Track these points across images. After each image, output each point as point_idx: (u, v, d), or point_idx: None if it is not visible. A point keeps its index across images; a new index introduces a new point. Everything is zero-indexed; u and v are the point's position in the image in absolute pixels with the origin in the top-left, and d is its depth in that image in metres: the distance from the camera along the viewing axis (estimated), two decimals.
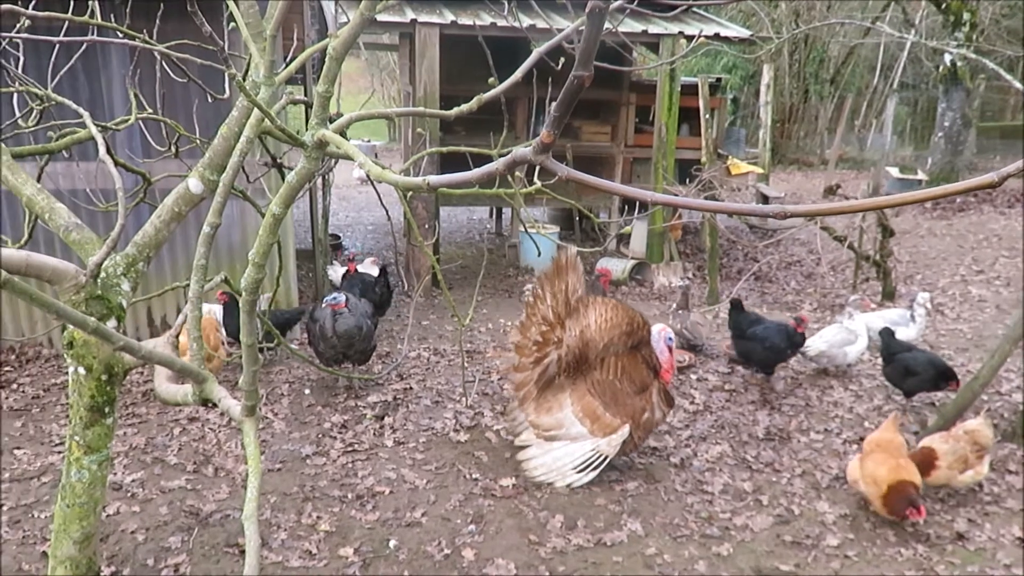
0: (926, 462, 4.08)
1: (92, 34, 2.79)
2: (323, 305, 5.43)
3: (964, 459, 4.12)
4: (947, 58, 14.06)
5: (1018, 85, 6.09)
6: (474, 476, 4.40)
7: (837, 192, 13.38)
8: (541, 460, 4.38)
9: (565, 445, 4.34)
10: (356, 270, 6.99)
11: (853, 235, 8.40)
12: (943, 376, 5.13)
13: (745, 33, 8.90)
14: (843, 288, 8.86)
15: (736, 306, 5.82)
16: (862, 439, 4.95)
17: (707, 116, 8.75)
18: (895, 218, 10.98)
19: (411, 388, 5.66)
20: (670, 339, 4.45)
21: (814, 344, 5.81)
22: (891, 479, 3.88)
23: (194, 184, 2.67)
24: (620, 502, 4.17)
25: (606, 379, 4.31)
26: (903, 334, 5.70)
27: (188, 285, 2.35)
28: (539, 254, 5.24)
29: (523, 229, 6.26)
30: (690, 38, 8.44)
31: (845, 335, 5.82)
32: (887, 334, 5.45)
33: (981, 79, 15.21)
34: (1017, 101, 18.64)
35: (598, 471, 4.30)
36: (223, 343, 5.66)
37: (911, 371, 5.21)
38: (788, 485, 4.40)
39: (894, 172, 14.51)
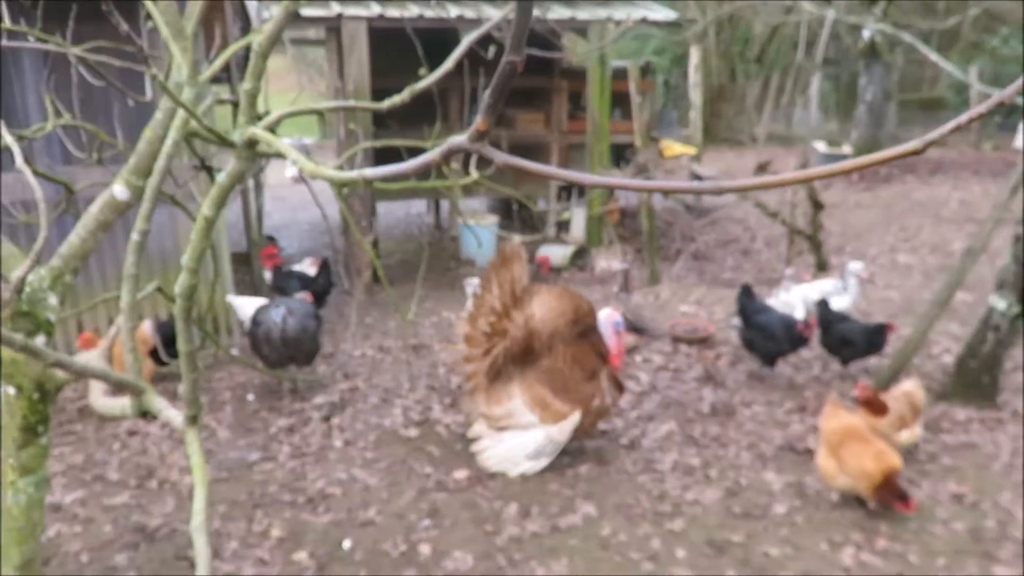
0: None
1: (1, 39, 2.67)
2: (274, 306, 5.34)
3: (902, 419, 4.27)
4: (866, 33, 14.46)
5: (934, 57, 6.29)
6: (426, 471, 4.39)
7: (768, 169, 13.69)
8: (494, 451, 4.39)
9: (517, 435, 4.36)
10: (279, 266, 6.85)
11: (786, 211, 8.60)
12: (877, 333, 5.30)
13: (672, 15, 9.01)
14: (779, 262, 9.08)
15: (745, 292, 5.73)
16: (803, 408, 5.09)
17: (639, 99, 8.85)
18: (824, 192, 11.27)
19: (357, 387, 5.61)
20: (618, 323, 4.49)
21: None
22: (883, 469, 3.75)
23: (119, 191, 2.59)
24: (573, 486, 4.21)
25: (555, 367, 4.33)
26: (838, 303, 5.85)
27: (119, 296, 2.28)
28: (479, 245, 5.24)
29: (462, 221, 6.24)
30: (619, 23, 8.51)
31: (781, 308, 5.96)
32: (822, 305, 5.59)
33: (899, 52, 15.70)
34: (934, 73, 19.31)
35: (551, 458, 4.33)
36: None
37: (847, 341, 5.36)
38: (735, 458, 4.50)
39: (821, 147, 14.89)
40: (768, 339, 5.44)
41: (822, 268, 8.36)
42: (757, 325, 5.51)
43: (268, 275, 7.44)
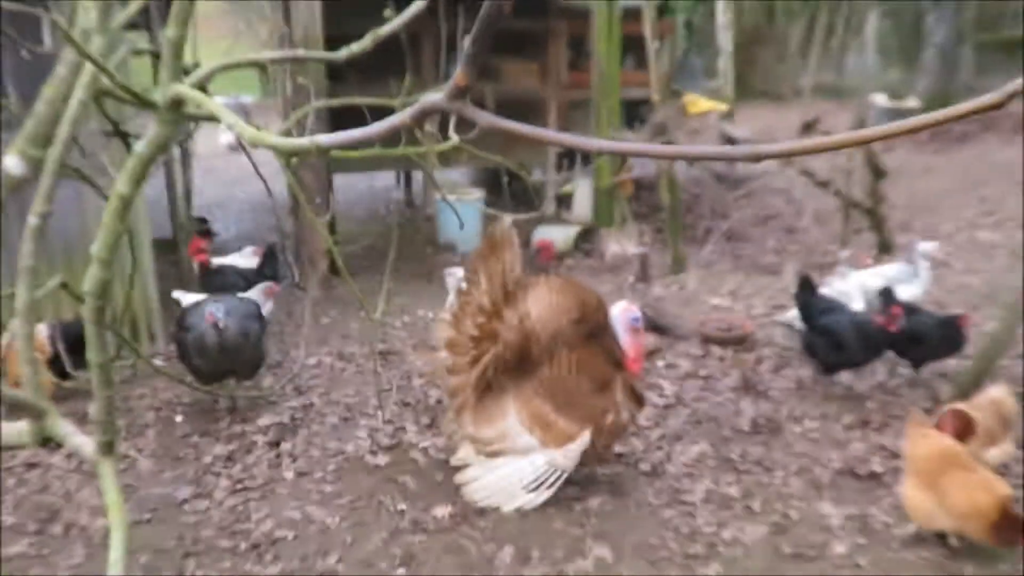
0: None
1: None
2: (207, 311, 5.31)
3: (990, 434, 4.22)
4: None
5: None
6: (400, 507, 4.39)
7: (816, 128, 13.70)
8: (484, 481, 4.39)
9: (512, 461, 4.35)
10: (206, 265, 6.82)
11: (839, 179, 8.62)
12: (954, 327, 5.33)
13: None
14: (831, 243, 9.10)
15: (805, 285, 5.73)
16: (865, 423, 5.10)
17: (656, 45, 8.84)
18: (886, 156, 11.30)
19: (312, 404, 5.61)
20: (635, 320, 4.47)
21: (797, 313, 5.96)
22: (997, 504, 3.61)
23: (13, 163, 2.57)
24: (582, 523, 4.21)
25: (558, 377, 4.32)
26: (906, 292, 5.86)
27: (14, 294, 2.27)
28: (461, 226, 5.24)
29: (440, 197, 6.24)
30: None
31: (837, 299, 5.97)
32: (887, 294, 5.60)
33: None
34: (1016, 7, 19.30)
35: (554, 488, 4.33)
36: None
37: (918, 337, 5.36)
38: (783, 486, 4.51)
39: (881, 100, 14.94)
40: (832, 346, 5.39)
41: (885, 249, 8.39)
42: (822, 328, 5.46)
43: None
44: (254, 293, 6.05)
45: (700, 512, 4.29)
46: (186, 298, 5.97)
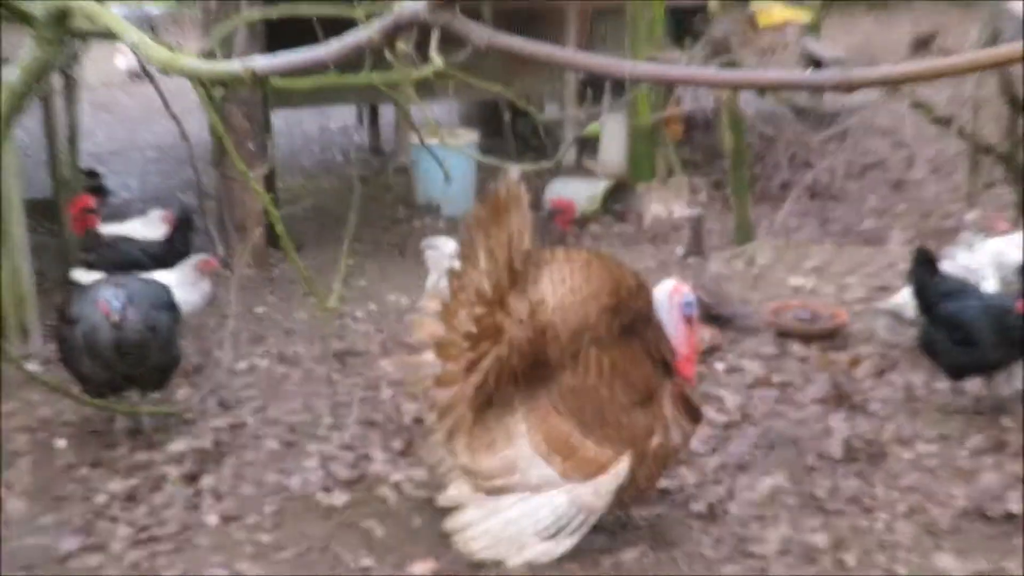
0: None
1: None
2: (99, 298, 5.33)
3: None
4: None
5: None
6: (363, 563, 4.40)
7: (932, 45, 13.68)
8: (484, 527, 4.35)
9: (522, 500, 4.34)
10: (93, 229, 6.80)
11: (964, 115, 8.59)
12: None
13: None
14: (954, 202, 9.08)
15: (923, 260, 5.70)
16: (1001, 446, 5.09)
17: None
18: None
19: (244, 424, 5.61)
20: (688, 306, 4.40)
21: (913, 299, 5.96)
22: None
23: None
24: None
25: (584, 386, 4.28)
26: None
27: None
28: (447, 181, 5.22)
29: (418, 141, 6.22)
30: None
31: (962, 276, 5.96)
32: None
33: None
34: None
35: (578, 536, 4.31)
36: None
37: None
38: (887, 532, 4.51)
39: (1019, 8, 14.85)
40: (963, 342, 5.35)
41: None
42: (946, 318, 5.44)
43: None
44: (180, 271, 6.07)
45: (774, 568, 4.29)
46: (88, 278, 5.96)
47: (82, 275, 6.06)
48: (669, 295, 4.39)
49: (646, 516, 4.68)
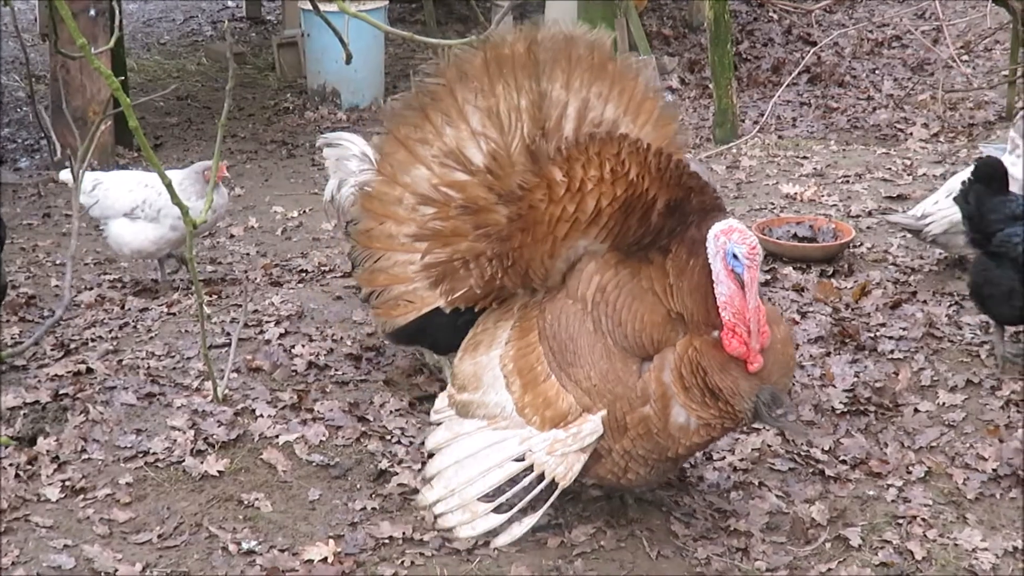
0: None
1: None
2: None
3: None
4: None
5: None
6: (245, 545, 4.42)
7: None
8: (440, 461, 4.31)
9: (479, 430, 4.36)
10: None
11: None
12: None
13: None
14: (991, 89, 9.15)
15: (985, 173, 5.55)
16: None
17: None
18: None
19: (91, 371, 5.57)
20: (733, 258, 4.12)
21: (940, 210, 6.00)
22: None
23: None
24: (559, 570, 4.25)
25: (566, 306, 4.30)
26: None
27: None
28: (348, 60, 5.20)
29: (310, 5, 6.15)
30: None
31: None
32: None
33: None
34: None
35: (535, 516, 4.20)
36: None
37: None
38: (898, 502, 4.55)
39: None
40: (1011, 281, 5.28)
41: None
42: (999, 250, 5.37)
43: None
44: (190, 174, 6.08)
45: (759, 548, 4.32)
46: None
47: (66, 174, 6.05)
48: (714, 237, 4.06)
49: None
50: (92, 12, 7.66)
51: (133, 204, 6.46)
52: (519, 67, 4.45)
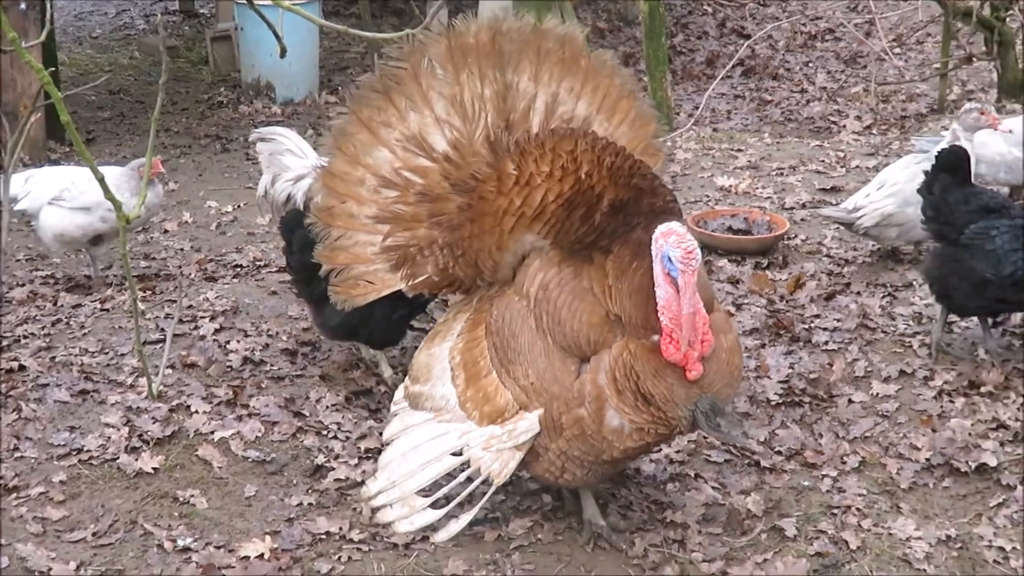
0: None
1: None
2: None
3: None
4: None
5: None
6: (182, 543, 4.41)
7: None
8: (393, 450, 4.41)
9: (426, 421, 4.40)
10: None
11: None
12: None
13: None
14: (923, 81, 9.21)
15: (948, 165, 5.56)
16: (975, 385, 5.23)
17: None
18: None
19: (24, 368, 5.56)
20: (673, 261, 4.02)
21: (871, 203, 6.05)
22: None
23: None
24: (496, 564, 4.28)
25: (510, 303, 4.31)
26: None
27: None
28: (283, 54, 5.20)
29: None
30: None
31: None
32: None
33: None
34: None
35: (471, 513, 4.27)
36: None
37: None
38: (833, 492, 4.62)
39: None
40: (984, 275, 5.28)
41: (1011, 92, 8.50)
42: (968, 242, 5.37)
43: None
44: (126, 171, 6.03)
45: (695, 539, 4.36)
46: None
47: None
48: (654, 239, 4.00)
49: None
50: (23, 6, 7.62)
51: (61, 187, 6.42)
52: (483, 56, 4.51)
